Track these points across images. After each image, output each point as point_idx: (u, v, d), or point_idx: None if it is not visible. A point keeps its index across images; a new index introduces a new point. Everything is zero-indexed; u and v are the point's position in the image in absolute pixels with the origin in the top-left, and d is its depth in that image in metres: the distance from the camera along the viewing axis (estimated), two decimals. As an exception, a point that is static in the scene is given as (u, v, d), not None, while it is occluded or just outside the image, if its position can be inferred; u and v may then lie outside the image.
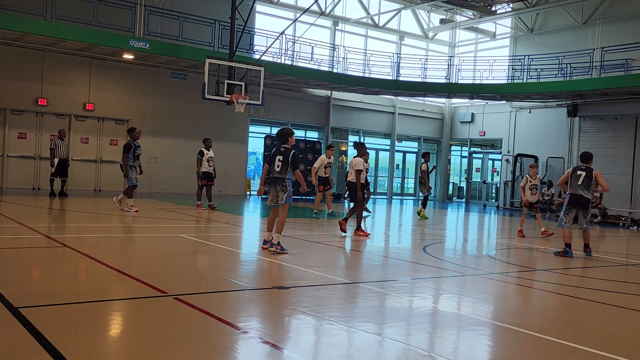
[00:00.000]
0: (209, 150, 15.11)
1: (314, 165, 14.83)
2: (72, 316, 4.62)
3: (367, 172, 12.51)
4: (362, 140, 27.20)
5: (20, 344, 3.84)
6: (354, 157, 11.37)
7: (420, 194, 17.64)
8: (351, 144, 27.00)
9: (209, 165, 15.04)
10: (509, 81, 24.22)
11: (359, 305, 5.69)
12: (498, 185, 27.45)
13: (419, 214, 16.62)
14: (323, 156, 14.96)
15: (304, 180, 25.20)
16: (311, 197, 22.94)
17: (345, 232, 11.08)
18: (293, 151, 8.40)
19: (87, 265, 6.87)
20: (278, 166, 8.34)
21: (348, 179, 11.49)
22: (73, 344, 3.93)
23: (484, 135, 27.69)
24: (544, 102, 24.51)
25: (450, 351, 4.42)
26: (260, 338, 4.31)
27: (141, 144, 12.45)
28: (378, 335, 4.62)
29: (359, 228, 11.18)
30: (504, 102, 25.96)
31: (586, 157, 10.08)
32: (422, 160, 16.77)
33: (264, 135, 23.42)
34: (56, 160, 16.50)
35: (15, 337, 3.96)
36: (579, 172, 9.91)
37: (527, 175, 13.30)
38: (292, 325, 4.84)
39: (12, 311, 4.51)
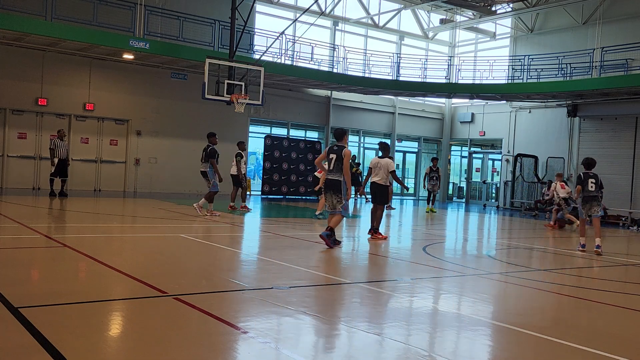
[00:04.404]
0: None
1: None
2: (72, 316, 4.62)
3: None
4: (361, 139, 27.29)
5: (20, 343, 3.84)
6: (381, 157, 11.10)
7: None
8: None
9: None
10: (509, 81, 24.21)
11: (359, 305, 5.69)
12: (498, 185, 27.45)
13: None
14: None
15: (305, 180, 24.92)
16: (312, 198, 22.93)
17: (383, 237, 10.90)
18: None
19: (87, 265, 6.87)
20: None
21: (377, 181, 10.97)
22: (73, 344, 3.93)
23: (484, 135, 27.69)
24: (544, 102, 24.50)
25: (450, 351, 4.42)
26: (260, 338, 4.31)
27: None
28: (378, 335, 4.62)
29: (376, 231, 10.95)
30: (504, 102, 25.95)
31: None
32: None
33: (264, 135, 23.42)
34: (56, 160, 16.53)
35: (15, 337, 3.97)
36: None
37: None
38: (292, 325, 4.84)
39: (12, 311, 4.51)
